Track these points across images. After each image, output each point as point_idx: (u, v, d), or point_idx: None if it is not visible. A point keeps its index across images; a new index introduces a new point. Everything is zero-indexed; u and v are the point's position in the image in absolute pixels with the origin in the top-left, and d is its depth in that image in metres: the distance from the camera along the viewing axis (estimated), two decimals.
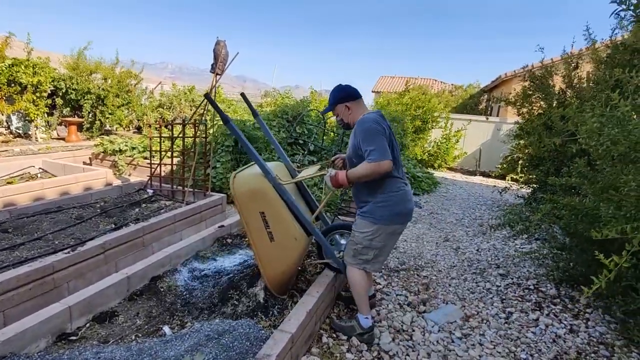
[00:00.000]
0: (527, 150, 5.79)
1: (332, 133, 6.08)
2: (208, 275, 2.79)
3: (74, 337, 2.09)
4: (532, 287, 3.40)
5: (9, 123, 9.49)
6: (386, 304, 2.99)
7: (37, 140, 8.94)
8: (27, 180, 4.99)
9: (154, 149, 4.94)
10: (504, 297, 3.24)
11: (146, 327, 2.26)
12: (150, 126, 4.95)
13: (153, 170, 4.78)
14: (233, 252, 3.27)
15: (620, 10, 1.60)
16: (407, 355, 2.41)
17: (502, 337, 2.66)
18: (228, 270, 2.86)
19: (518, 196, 6.27)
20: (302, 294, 2.53)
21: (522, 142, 5.94)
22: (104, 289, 2.37)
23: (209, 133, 6.17)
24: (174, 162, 5.15)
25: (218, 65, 4.26)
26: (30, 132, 9.25)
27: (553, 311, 3.00)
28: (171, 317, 2.36)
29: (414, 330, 2.67)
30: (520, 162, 6.41)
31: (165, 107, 11.32)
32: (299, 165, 5.57)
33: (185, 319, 2.35)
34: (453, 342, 2.59)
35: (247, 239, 3.65)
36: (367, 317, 2.44)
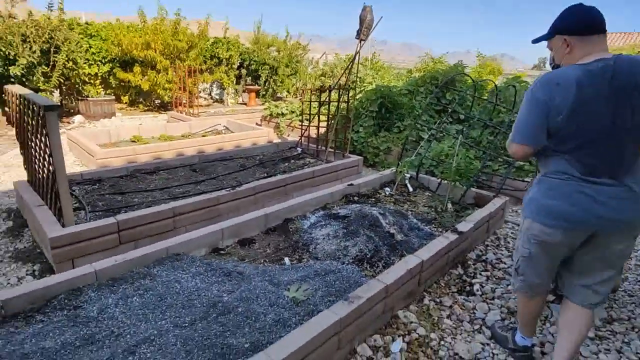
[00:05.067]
0: None
1: (485, 100, 5.52)
2: (329, 224, 3.11)
3: (222, 252, 2.74)
4: None
5: (211, 90, 11.95)
6: (505, 284, 2.76)
7: (227, 105, 11.04)
8: (214, 135, 6.35)
9: (305, 112, 5.54)
10: None
11: (273, 255, 2.74)
12: (303, 92, 5.53)
13: (303, 131, 5.39)
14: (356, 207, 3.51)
15: None
16: None
17: None
18: (347, 220, 3.11)
19: None
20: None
21: None
22: (247, 220, 2.97)
23: (356, 98, 6.46)
24: (321, 125, 5.66)
25: (363, 30, 4.39)
26: (223, 98, 11.48)
27: None
28: (293, 251, 2.79)
29: None
30: None
31: (327, 75, 12.19)
32: (442, 134, 5.34)
33: (303, 255, 2.74)
34: None
35: (372, 199, 3.84)
36: (524, 338, 2.07)
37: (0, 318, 1.92)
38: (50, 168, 2.59)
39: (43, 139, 2.59)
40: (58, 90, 8.52)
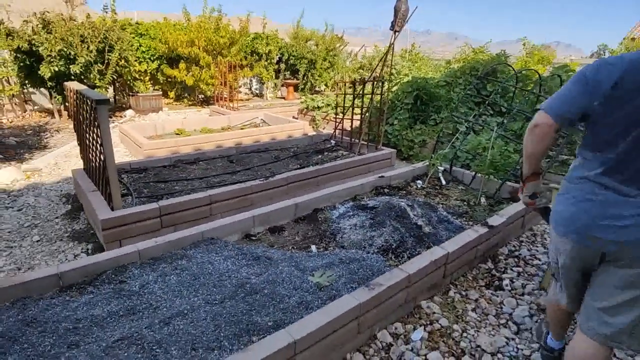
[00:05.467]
0: None
1: (527, 91, 5.25)
2: (357, 215, 3.16)
3: (254, 238, 2.88)
4: None
5: (251, 85, 12.29)
6: (538, 280, 2.68)
7: (267, 99, 11.30)
8: (252, 128, 6.57)
9: (339, 105, 5.59)
10: None
11: (301, 243, 2.84)
12: (337, 84, 5.57)
13: (336, 124, 5.45)
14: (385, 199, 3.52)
15: None
16: None
17: None
18: (374, 211, 3.14)
19: None
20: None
21: None
22: (278, 209, 3.09)
23: (391, 91, 6.40)
24: (355, 118, 5.67)
25: (397, 22, 4.34)
26: (263, 92, 11.76)
27: None
28: (320, 240, 2.88)
29: None
30: None
31: (365, 68, 12.10)
32: (481, 126, 5.18)
33: (330, 244, 2.82)
34: None
35: (403, 191, 3.84)
36: (552, 339, 1.95)
37: (58, 288, 2.17)
38: (101, 157, 2.85)
39: (95, 130, 2.85)
40: (112, 86, 9.17)
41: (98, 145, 2.90)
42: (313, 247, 2.75)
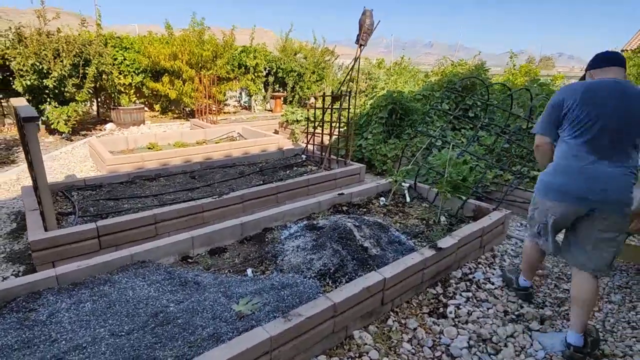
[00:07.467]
0: None
1: (492, 106, 5.13)
2: (303, 236, 3.02)
3: (190, 260, 2.74)
4: None
5: (240, 98, 12.27)
6: (486, 307, 2.52)
7: (254, 112, 11.26)
8: (228, 142, 6.48)
9: (311, 119, 5.49)
10: None
11: (239, 265, 2.70)
12: (309, 99, 5.49)
13: (308, 138, 5.35)
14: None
15: None
16: None
17: None
18: (320, 232, 3.00)
19: None
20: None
21: None
22: (221, 229, 2.96)
23: (369, 104, 6.32)
24: (326, 132, 5.57)
25: (362, 35, 4.27)
26: (251, 105, 11.73)
27: None
28: (260, 263, 2.73)
29: (506, 346, 2.18)
30: None
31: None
32: (455, 141, 5.05)
33: (269, 267, 2.68)
34: None
35: (363, 209, 3.70)
36: (525, 280, 2.61)
37: None
38: (33, 174, 2.75)
39: (28, 148, 2.75)
40: (96, 99, 9.15)
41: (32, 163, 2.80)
42: (249, 271, 2.61)
